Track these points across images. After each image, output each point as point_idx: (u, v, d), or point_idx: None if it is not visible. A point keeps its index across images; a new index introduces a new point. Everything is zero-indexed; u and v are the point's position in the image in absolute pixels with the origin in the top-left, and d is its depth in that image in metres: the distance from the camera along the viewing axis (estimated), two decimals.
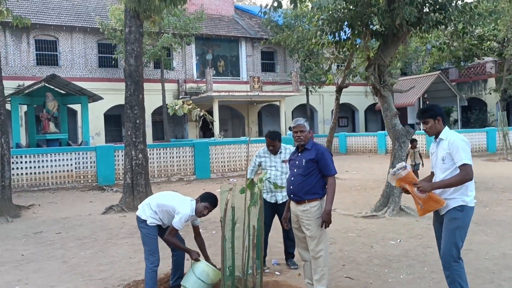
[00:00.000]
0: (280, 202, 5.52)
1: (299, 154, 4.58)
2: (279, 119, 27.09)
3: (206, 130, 26.54)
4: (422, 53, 26.43)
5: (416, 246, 6.41)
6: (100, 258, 6.29)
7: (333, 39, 9.72)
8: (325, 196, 4.49)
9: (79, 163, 14.17)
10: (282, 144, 5.69)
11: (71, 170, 14.07)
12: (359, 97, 31.29)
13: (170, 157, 15.36)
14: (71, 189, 13.69)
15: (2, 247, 7.07)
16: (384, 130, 19.09)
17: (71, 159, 14.07)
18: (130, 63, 9.99)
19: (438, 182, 3.88)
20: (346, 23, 9.14)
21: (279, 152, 5.61)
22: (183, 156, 15.52)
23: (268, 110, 30.43)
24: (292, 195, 4.58)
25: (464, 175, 3.75)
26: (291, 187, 4.56)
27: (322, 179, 4.48)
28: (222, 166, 16.09)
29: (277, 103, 27.49)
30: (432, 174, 4.10)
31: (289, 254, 5.70)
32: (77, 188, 13.75)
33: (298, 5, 7.36)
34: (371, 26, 9.22)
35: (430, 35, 14.55)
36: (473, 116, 30.06)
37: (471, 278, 4.70)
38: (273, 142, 5.55)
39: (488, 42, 23.05)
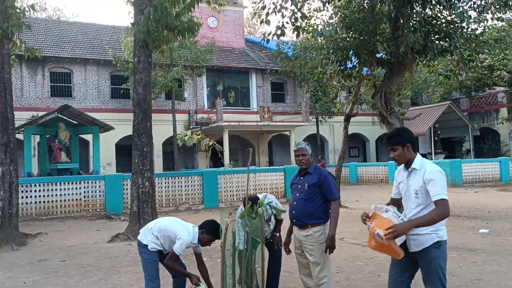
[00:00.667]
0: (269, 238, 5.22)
1: (301, 178, 4.53)
2: (289, 149, 27.04)
3: (216, 160, 26.56)
4: (432, 83, 26.47)
5: None
6: (102, 286, 6.21)
7: (339, 67, 9.80)
8: (329, 221, 4.41)
9: (88, 192, 14.20)
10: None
11: (80, 199, 14.09)
12: (369, 127, 31.24)
13: (178, 186, 15.34)
14: (79, 217, 13.67)
15: (5, 274, 7.03)
16: None
17: (80, 188, 14.11)
18: (138, 92, 10.13)
19: (412, 221, 3.40)
20: (351, 51, 9.24)
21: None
22: (191, 185, 15.49)
23: (279, 140, 30.47)
24: (294, 220, 4.50)
25: (441, 211, 3.32)
26: (294, 211, 4.49)
27: (325, 204, 4.41)
28: (230, 195, 15.99)
29: (287, 133, 27.53)
30: (392, 200, 3.76)
31: None
32: (85, 217, 13.73)
33: (301, 34, 7.46)
34: (376, 55, 9.28)
35: (438, 64, 14.60)
36: (486, 146, 29.73)
37: None
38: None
39: (498, 72, 23.00)
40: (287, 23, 7.12)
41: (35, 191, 13.58)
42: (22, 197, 13.01)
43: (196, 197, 15.50)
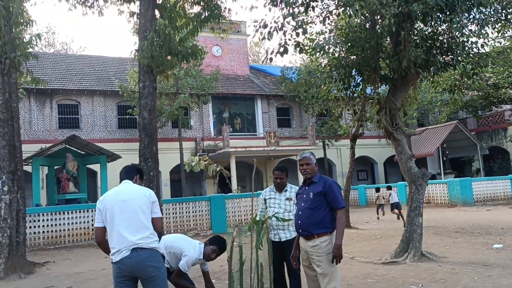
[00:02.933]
0: (284, 240, 5.19)
1: (306, 187, 4.48)
2: (297, 173, 26.91)
3: (224, 187, 26.48)
4: (438, 103, 26.46)
5: None
6: None
7: (343, 86, 9.81)
8: (335, 230, 4.32)
9: (95, 220, 14.10)
10: (288, 183, 5.52)
11: (88, 228, 14.03)
12: (377, 149, 31.09)
13: (186, 212, 15.24)
14: (87, 246, 13.57)
15: None
16: (404, 180, 18.78)
17: (87, 217, 14.07)
18: (144, 117, 10.20)
19: None
20: (354, 69, 9.26)
21: (284, 190, 5.42)
22: (199, 211, 15.39)
23: (286, 164, 30.21)
24: (300, 230, 4.42)
25: None
26: (299, 221, 4.42)
27: (330, 213, 4.34)
28: (239, 220, 15.85)
29: (294, 157, 27.46)
30: None
31: None
32: (93, 246, 13.59)
33: (303, 51, 7.52)
34: (379, 71, 9.29)
35: (443, 82, 14.61)
36: (496, 164, 29.43)
37: None
38: (282, 174, 5.37)
39: (503, 90, 22.95)
40: (289, 39, 7.19)
41: (43, 220, 13.54)
42: (30, 227, 12.98)
43: (204, 223, 15.37)
